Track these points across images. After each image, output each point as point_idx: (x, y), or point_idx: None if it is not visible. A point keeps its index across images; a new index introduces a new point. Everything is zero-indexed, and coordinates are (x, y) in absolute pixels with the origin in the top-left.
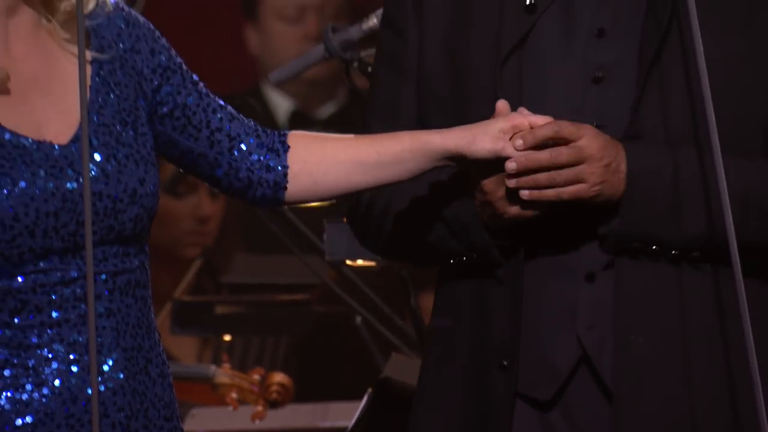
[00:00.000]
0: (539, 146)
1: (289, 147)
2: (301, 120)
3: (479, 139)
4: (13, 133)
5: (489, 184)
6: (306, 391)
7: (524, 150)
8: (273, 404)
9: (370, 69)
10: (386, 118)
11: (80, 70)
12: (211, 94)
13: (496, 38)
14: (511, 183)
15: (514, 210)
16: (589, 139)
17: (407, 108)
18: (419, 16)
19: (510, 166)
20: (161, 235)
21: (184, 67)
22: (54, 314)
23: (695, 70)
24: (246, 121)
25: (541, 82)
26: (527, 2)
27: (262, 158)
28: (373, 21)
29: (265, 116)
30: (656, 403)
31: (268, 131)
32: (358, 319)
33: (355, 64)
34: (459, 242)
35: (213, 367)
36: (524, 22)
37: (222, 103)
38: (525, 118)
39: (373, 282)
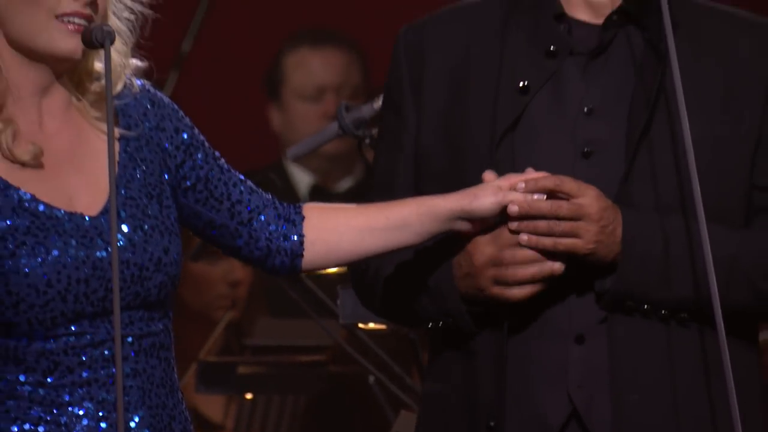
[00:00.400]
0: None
1: (304, 217)
2: (321, 193)
3: (481, 195)
4: (46, 205)
5: (480, 259)
6: None
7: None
8: None
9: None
10: (385, 192)
11: (109, 148)
12: (232, 169)
13: (491, 118)
14: (513, 226)
15: (496, 290)
16: (590, 199)
17: (405, 183)
18: (417, 97)
19: (512, 209)
20: (195, 298)
21: (207, 144)
22: (84, 374)
23: (681, 148)
24: (264, 194)
25: (533, 158)
26: (520, 84)
27: (279, 228)
28: (378, 102)
29: (286, 190)
30: None
31: (285, 204)
32: (371, 378)
33: (367, 141)
34: (437, 309)
35: None
36: (518, 104)
37: (242, 177)
38: (522, 175)
39: (383, 343)
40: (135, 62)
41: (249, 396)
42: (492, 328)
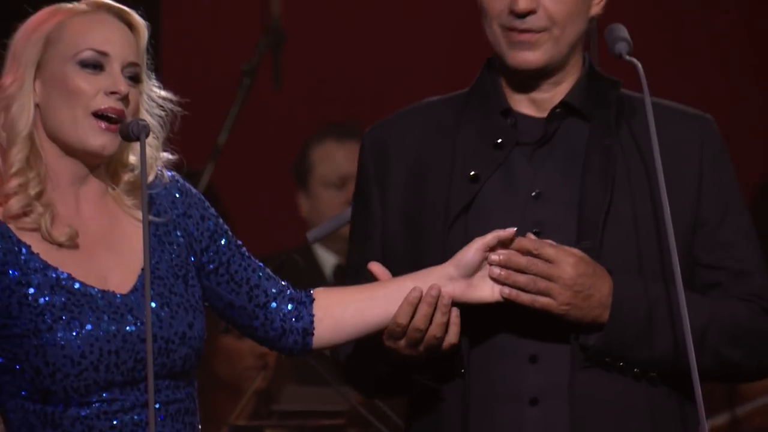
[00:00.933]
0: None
1: (313, 299)
2: (344, 273)
3: (463, 251)
4: (82, 283)
5: (419, 321)
6: None
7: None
8: None
9: None
10: (357, 277)
11: (144, 234)
12: (252, 257)
13: (445, 204)
14: (494, 273)
15: (450, 338)
16: (565, 265)
17: (356, 277)
18: (382, 191)
19: (494, 258)
20: (226, 370)
21: (230, 232)
22: None
23: (639, 224)
24: (280, 280)
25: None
26: (471, 173)
27: (292, 310)
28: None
29: (313, 270)
30: None
31: (297, 289)
32: None
33: None
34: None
35: None
36: (470, 190)
37: (260, 264)
38: (506, 231)
39: (394, 405)
40: (167, 155)
41: None
42: (455, 392)
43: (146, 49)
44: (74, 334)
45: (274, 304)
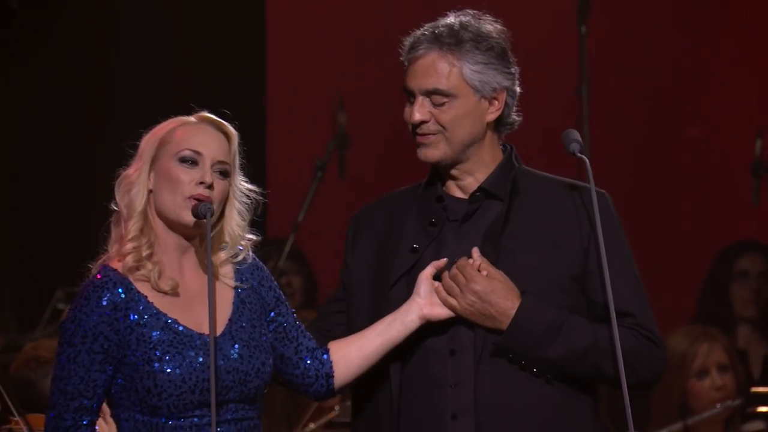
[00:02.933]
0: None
1: (328, 349)
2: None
3: (417, 284)
4: (184, 327)
5: None
6: None
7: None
8: None
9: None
10: (327, 302)
11: (209, 289)
12: (300, 321)
13: (393, 270)
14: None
15: None
16: (477, 280)
17: (337, 305)
18: (353, 253)
19: (429, 269)
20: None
21: (287, 301)
22: None
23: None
24: (312, 339)
25: None
26: (413, 246)
27: (319, 360)
28: None
29: None
30: None
31: (318, 345)
32: None
33: None
34: None
35: None
36: (410, 259)
37: (303, 326)
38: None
39: None
40: (251, 236)
41: None
42: (394, 378)
43: (236, 152)
44: (177, 365)
45: (308, 360)
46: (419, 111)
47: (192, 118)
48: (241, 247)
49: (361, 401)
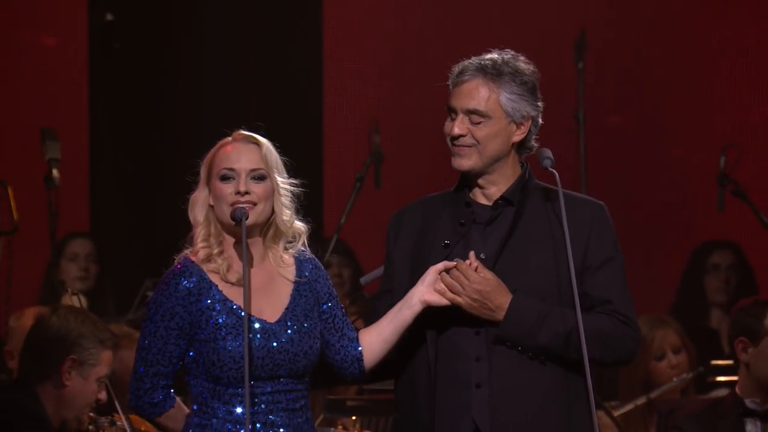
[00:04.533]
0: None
1: (357, 336)
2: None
3: (425, 275)
4: (249, 313)
5: None
6: None
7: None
8: None
9: None
10: (381, 295)
11: (243, 278)
12: (346, 315)
13: (425, 261)
14: (438, 284)
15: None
16: (475, 281)
17: (388, 294)
18: (394, 252)
19: (437, 267)
20: None
21: (337, 297)
22: (254, 408)
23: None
24: (353, 328)
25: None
26: (445, 242)
27: (354, 347)
28: None
29: None
30: None
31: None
32: None
33: None
34: None
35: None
36: (442, 253)
37: (348, 320)
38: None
39: None
40: (302, 225)
41: (354, 418)
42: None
43: (269, 155)
44: (238, 344)
45: (349, 348)
46: (459, 126)
47: (229, 138)
48: (294, 237)
49: (403, 371)
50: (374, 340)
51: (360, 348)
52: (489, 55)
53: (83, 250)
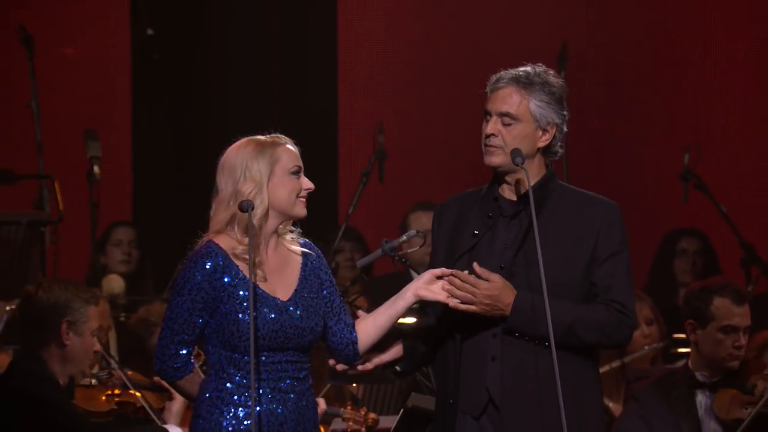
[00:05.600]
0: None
1: (353, 322)
2: None
3: (425, 273)
4: (262, 290)
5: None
6: None
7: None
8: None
9: (404, 259)
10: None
11: (250, 269)
12: (343, 300)
13: (457, 247)
14: (448, 298)
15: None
16: (482, 286)
17: (437, 264)
18: (437, 238)
19: (446, 287)
20: None
21: (333, 280)
22: (264, 375)
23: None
24: (349, 314)
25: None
26: (474, 232)
27: (350, 331)
28: (403, 238)
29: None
30: (521, 419)
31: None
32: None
33: (396, 258)
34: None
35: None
36: (471, 241)
37: (345, 306)
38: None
39: None
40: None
41: (354, 385)
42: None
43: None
44: (257, 317)
45: (345, 331)
46: (492, 127)
47: (279, 138)
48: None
49: (438, 349)
50: (370, 327)
51: (355, 334)
52: (523, 68)
53: (126, 237)
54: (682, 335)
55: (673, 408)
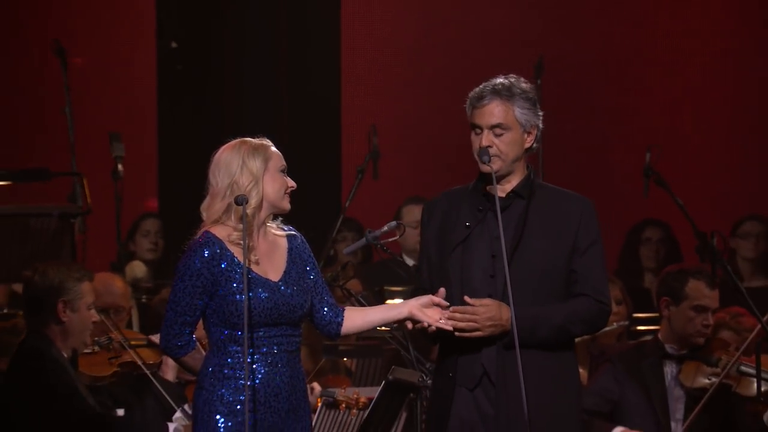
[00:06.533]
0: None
1: (344, 310)
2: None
3: (421, 298)
4: (255, 274)
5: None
6: None
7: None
8: None
9: (385, 248)
10: (420, 274)
11: (244, 255)
12: (325, 282)
13: (451, 240)
14: (447, 325)
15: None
16: (481, 312)
17: (427, 265)
18: (427, 231)
19: (448, 320)
20: None
21: (317, 264)
22: (263, 349)
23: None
24: (332, 295)
25: (471, 257)
26: (466, 224)
27: (335, 313)
28: (385, 228)
29: (403, 265)
30: (513, 391)
31: (337, 304)
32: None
33: (378, 246)
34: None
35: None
36: (464, 232)
37: (327, 287)
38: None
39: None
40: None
41: (345, 359)
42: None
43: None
44: (250, 296)
45: (326, 309)
46: (486, 140)
47: (265, 141)
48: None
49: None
50: (358, 318)
51: (342, 317)
52: (499, 80)
53: (153, 228)
54: (641, 314)
55: (644, 374)
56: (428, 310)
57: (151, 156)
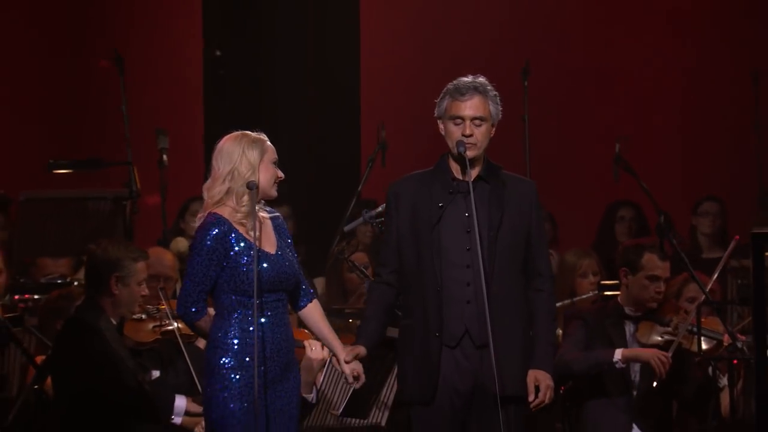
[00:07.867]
0: None
1: (312, 300)
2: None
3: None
4: (259, 248)
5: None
6: None
7: None
8: None
9: (381, 226)
10: (386, 256)
11: (254, 235)
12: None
13: (428, 219)
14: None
15: None
16: (544, 382)
17: (393, 251)
18: (397, 214)
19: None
20: None
21: (292, 244)
22: (268, 312)
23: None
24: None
25: (446, 235)
26: (439, 204)
27: (306, 294)
28: (379, 209)
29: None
30: (496, 349)
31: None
32: None
33: (373, 224)
34: None
35: None
36: (439, 211)
37: (299, 265)
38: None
39: None
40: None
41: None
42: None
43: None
44: (258, 266)
45: (304, 295)
46: (468, 129)
47: (262, 135)
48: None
49: (414, 293)
50: (311, 319)
51: (306, 303)
52: (471, 78)
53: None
54: (608, 282)
55: (608, 331)
56: (347, 366)
57: (197, 148)
